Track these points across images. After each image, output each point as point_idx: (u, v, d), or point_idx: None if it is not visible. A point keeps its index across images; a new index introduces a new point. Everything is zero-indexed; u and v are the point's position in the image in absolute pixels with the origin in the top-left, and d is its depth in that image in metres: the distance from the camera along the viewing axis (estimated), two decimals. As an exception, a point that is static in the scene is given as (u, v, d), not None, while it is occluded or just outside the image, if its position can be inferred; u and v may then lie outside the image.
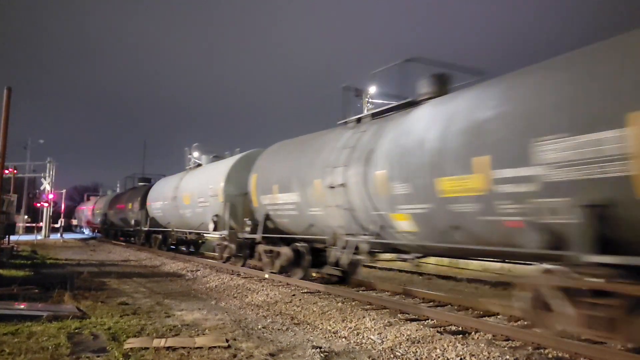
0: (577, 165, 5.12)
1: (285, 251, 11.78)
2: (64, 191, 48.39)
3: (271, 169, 12.29)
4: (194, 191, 17.63)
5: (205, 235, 18.85)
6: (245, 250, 14.24)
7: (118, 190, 41.03)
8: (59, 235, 38.78)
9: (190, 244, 21.92)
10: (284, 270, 12.06)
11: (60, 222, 41.16)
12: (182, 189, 19.00)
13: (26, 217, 43.27)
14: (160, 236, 22.89)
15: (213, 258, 17.82)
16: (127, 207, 28.19)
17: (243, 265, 14.45)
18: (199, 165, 19.63)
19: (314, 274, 12.18)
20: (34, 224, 38.90)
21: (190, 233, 19.76)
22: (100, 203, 38.51)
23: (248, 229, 13.20)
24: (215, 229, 15.38)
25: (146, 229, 24.18)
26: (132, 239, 29.28)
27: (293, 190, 10.88)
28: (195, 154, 20.62)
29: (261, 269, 13.08)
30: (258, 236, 12.53)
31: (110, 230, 34.90)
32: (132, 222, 26.79)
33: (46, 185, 39.34)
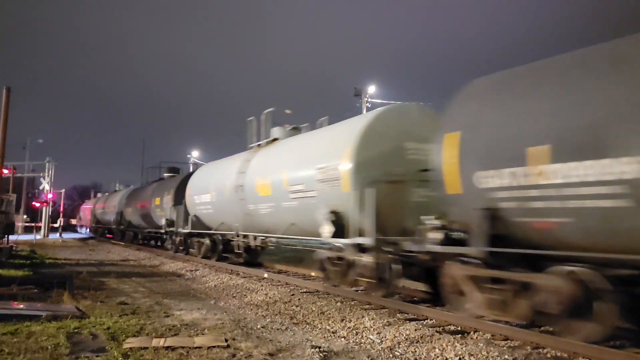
0: None
1: (567, 288, 5.65)
2: (63, 191, 48.44)
3: (516, 116, 6.14)
4: (280, 176, 11.61)
5: (272, 238, 13.27)
6: (400, 273, 8.49)
7: (119, 188, 40.45)
8: (58, 235, 38.76)
9: (249, 252, 15.29)
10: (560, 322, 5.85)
11: (60, 221, 41.13)
12: (254, 173, 13.08)
13: (25, 216, 43.22)
14: (207, 240, 17.03)
15: (295, 273, 13.69)
16: (153, 204, 22.88)
17: (385, 296, 8.75)
18: (274, 140, 13.95)
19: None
20: (33, 224, 38.86)
21: (261, 237, 13.65)
22: (113, 200, 33.58)
23: (437, 235, 7.25)
24: (337, 235, 9.48)
25: (186, 230, 18.33)
26: (160, 243, 24.95)
27: (615, 153, 5.00)
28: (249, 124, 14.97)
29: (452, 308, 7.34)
30: (475, 251, 6.50)
31: (127, 232, 29.76)
32: (162, 221, 21.17)
33: (45, 184, 39.33)
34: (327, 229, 9.64)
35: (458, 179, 6.74)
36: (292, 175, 11.12)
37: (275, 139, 13.88)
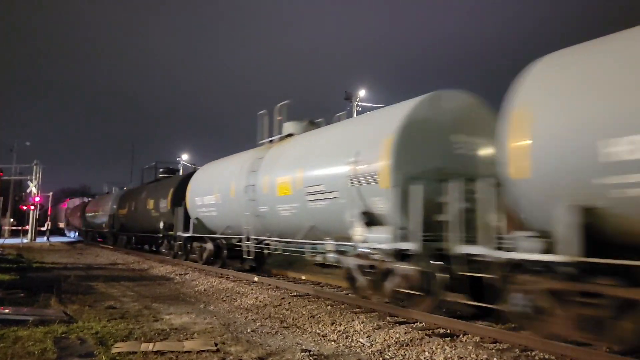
0: None
1: None
2: (50, 194, 47.97)
3: None
4: (299, 174, 10.45)
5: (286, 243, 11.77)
6: (447, 284, 7.35)
7: (110, 190, 39.70)
8: (45, 238, 38.35)
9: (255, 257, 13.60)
10: None
11: (47, 225, 40.69)
12: (267, 171, 11.90)
13: (12, 220, 42.70)
14: (210, 245, 15.90)
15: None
16: (149, 206, 21.51)
17: (429, 311, 7.59)
18: (289, 135, 12.77)
19: None
20: (19, 227, 38.40)
21: (279, 242, 12.20)
22: (105, 202, 30.98)
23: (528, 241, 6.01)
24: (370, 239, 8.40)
25: (187, 234, 16.96)
26: (155, 247, 23.09)
27: None
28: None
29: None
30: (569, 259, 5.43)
31: (120, 236, 27.43)
32: (160, 224, 19.72)
33: (32, 187, 38.90)
34: (359, 232, 8.46)
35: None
36: (315, 172, 9.98)
37: (290, 135, 12.74)
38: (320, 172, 9.84)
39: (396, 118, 8.26)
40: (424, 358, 5.76)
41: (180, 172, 28.97)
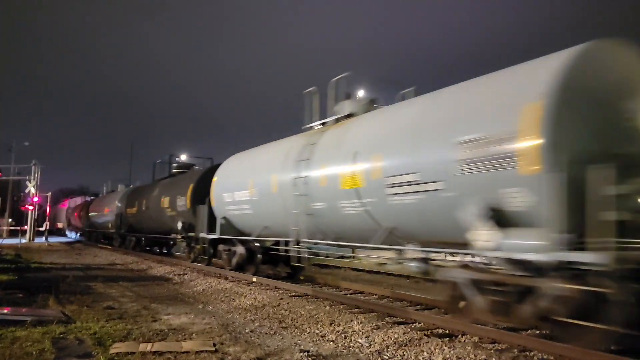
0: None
1: None
2: (49, 194, 47.93)
3: None
4: (375, 162, 8.22)
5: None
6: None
7: (115, 189, 38.71)
8: (44, 238, 38.30)
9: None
10: None
11: (45, 225, 40.64)
12: (325, 159, 9.72)
13: (10, 220, 42.66)
14: (240, 249, 13.79)
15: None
16: (164, 204, 19.23)
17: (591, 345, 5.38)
18: (349, 115, 10.47)
19: None
20: (18, 227, 38.36)
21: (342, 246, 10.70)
22: (111, 201, 28.41)
23: None
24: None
25: (213, 236, 14.68)
26: (166, 250, 22.58)
27: None
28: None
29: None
30: None
31: (128, 237, 24.92)
32: (178, 224, 17.43)
33: (31, 188, 38.87)
34: (485, 236, 6.21)
35: None
36: (402, 157, 7.68)
37: (349, 115, 10.49)
38: (411, 157, 7.47)
39: (542, 77, 5.93)
40: (423, 358, 5.76)
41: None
